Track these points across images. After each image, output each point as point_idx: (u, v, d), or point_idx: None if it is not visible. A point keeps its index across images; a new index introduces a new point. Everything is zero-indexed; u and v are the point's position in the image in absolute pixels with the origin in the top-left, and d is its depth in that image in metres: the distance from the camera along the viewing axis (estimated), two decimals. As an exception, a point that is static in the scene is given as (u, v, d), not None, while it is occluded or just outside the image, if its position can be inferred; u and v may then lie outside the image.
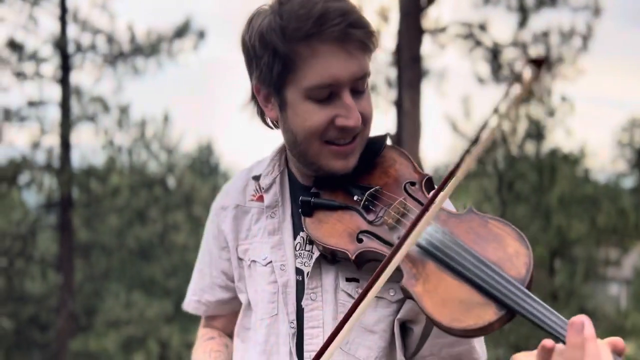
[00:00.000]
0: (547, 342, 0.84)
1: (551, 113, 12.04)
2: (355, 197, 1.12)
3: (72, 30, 10.62)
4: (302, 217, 1.15)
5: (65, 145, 10.54)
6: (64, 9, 10.48)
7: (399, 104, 9.06)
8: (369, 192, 1.11)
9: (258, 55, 1.11)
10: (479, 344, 1.16)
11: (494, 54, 9.86)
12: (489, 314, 0.88)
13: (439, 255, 0.96)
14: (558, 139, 12.41)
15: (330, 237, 1.09)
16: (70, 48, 10.49)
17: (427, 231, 0.99)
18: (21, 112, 10.57)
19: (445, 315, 0.91)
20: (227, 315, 1.39)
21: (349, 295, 1.13)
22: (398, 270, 0.97)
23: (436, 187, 1.05)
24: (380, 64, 10.60)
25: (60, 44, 10.39)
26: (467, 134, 12.22)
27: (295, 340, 1.16)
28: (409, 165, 1.16)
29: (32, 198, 12.14)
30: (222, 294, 1.34)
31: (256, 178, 1.27)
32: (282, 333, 1.18)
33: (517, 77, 0.96)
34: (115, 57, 10.63)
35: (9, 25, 10.31)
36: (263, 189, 1.24)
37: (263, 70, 1.11)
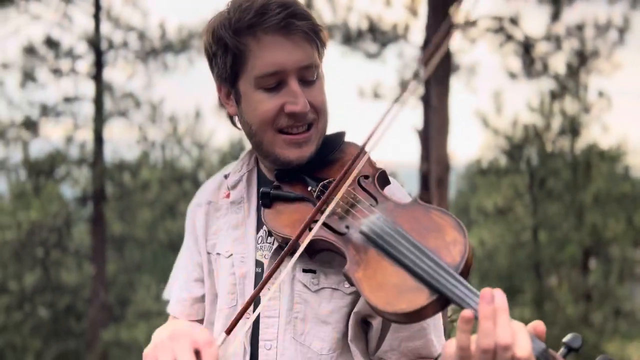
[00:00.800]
0: (466, 312, 0.85)
1: (587, 109, 11.71)
2: (309, 188, 1.16)
3: (106, 28, 10.87)
4: (262, 209, 1.18)
5: (99, 139, 10.80)
6: (97, 7, 10.72)
7: (426, 99, 8.97)
8: (321, 183, 1.15)
9: (214, 52, 1.17)
10: (437, 338, 1.17)
11: (526, 48, 9.64)
12: (421, 298, 0.90)
13: (379, 242, 0.99)
14: (594, 135, 12.07)
15: (285, 227, 1.13)
16: (104, 45, 10.74)
17: (371, 219, 1.03)
18: (57, 107, 10.87)
19: (380, 298, 0.93)
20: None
21: (305, 286, 1.15)
22: (343, 258, 1.02)
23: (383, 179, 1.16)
24: (409, 59, 10.52)
25: (94, 41, 10.64)
26: (499, 130, 12.00)
27: (251, 330, 1.17)
28: (366, 161, 1.18)
29: (69, 191, 12.50)
30: (196, 290, 1.33)
31: (226, 177, 1.32)
32: (239, 323, 1.19)
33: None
34: (146, 54, 10.83)
35: (46, 23, 10.60)
36: (230, 186, 1.29)
37: (219, 67, 1.17)
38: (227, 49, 1.14)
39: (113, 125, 11.01)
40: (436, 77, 8.59)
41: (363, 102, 10.73)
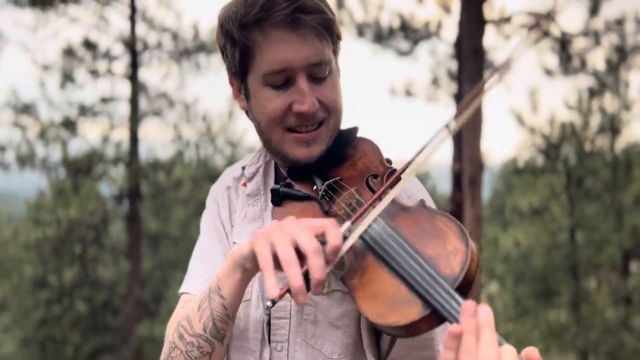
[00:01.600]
0: (454, 327, 0.80)
1: (627, 106, 11.34)
2: (315, 187, 1.12)
3: (141, 29, 11.08)
4: (272, 206, 1.15)
5: (134, 139, 11.02)
6: (133, 9, 10.94)
7: (459, 97, 8.84)
8: (327, 182, 1.11)
9: (223, 45, 1.14)
10: None
11: (563, 44, 9.39)
12: (413, 312, 0.85)
13: (376, 249, 0.94)
14: (635, 133, 11.69)
15: (304, 218, 1.09)
16: (139, 46, 10.95)
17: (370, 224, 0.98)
18: (94, 107, 11.14)
19: (373, 309, 0.89)
20: None
21: None
22: (342, 262, 0.97)
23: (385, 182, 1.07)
24: (442, 57, 10.39)
25: (130, 43, 10.86)
26: (535, 128, 11.73)
27: (268, 328, 1.15)
28: (377, 159, 1.15)
29: (107, 189, 12.80)
30: None
31: (243, 168, 1.30)
32: (252, 318, 1.17)
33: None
34: (180, 54, 11.00)
35: (84, 26, 10.87)
36: (247, 177, 1.27)
37: (229, 61, 1.14)
38: (234, 43, 1.10)
39: (148, 125, 11.23)
40: (469, 74, 8.46)
41: (395, 101, 10.64)
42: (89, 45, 10.97)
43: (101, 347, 13.66)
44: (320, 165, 1.15)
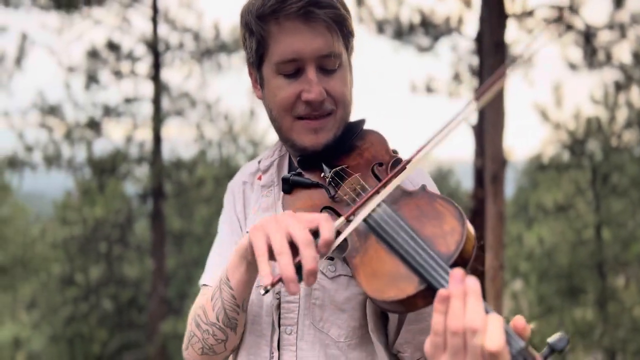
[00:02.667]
0: (443, 290, 0.83)
1: (655, 100, 11.08)
2: (322, 175, 1.17)
3: (163, 30, 11.20)
4: (283, 194, 1.20)
5: (157, 138, 11.16)
6: (155, 10, 11.06)
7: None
8: (333, 170, 1.16)
9: (244, 37, 1.21)
10: None
11: (587, 37, 9.22)
12: (410, 287, 0.90)
13: (377, 230, 0.98)
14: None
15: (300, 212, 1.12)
16: (161, 47, 11.07)
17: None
18: (118, 108, 11.29)
19: (372, 285, 0.93)
20: None
21: (322, 273, 1.16)
22: (343, 249, 1.02)
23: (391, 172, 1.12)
24: (463, 52, 10.29)
25: (152, 44, 10.99)
26: (559, 123, 11.54)
27: (278, 312, 1.19)
28: (383, 149, 1.20)
29: (132, 188, 13.00)
30: None
31: (259, 162, 1.36)
32: (265, 303, 1.21)
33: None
34: (201, 54, 11.09)
35: (107, 28, 11.03)
36: (262, 170, 1.33)
37: (248, 51, 1.21)
38: (252, 34, 1.17)
39: (170, 125, 11.36)
40: (490, 70, 8.36)
41: (416, 98, 10.56)
42: (113, 46, 11.12)
43: (127, 343, 13.88)
44: (329, 155, 1.20)
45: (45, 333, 14.05)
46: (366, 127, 1.27)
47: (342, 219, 1.00)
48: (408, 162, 1.02)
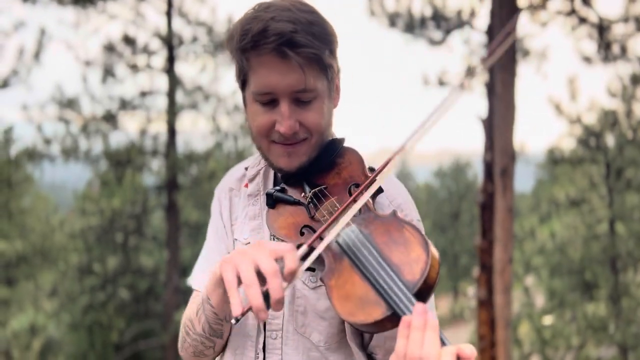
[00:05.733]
0: (407, 317, 0.94)
1: (672, 93, 10.89)
2: (303, 194, 1.24)
3: (177, 24, 11.32)
4: (267, 209, 1.27)
5: (172, 131, 11.32)
6: (169, 4, 11.19)
7: (490, 86, 8.69)
8: (312, 190, 1.23)
9: (231, 58, 1.27)
10: None
11: (601, 30, 9.10)
12: (377, 312, 0.98)
13: (350, 254, 1.06)
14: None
15: (282, 229, 1.21)
16: (175, 41, 11.20)
17: (347, 231, 1.09)
18: (134, 101, 11.47)
19: (345, 308, 1.02)
20: None
21: (304, 283, 1.24)
22: (322, 263, 1.10)
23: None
24: (475, 45, 10.22)
25: (167, 38, 11.12)
26: (574, 117, 11.41)
27: (262, 322, 1.27)
28: (360, 169, 1.25)
29: (149, 179, 13.21)
30: None
31: (246, 169, 1.41)
32: (250, 315, 1.28)
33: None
34: (215, 48, 11.20)
35: (122, 22, 11.19)
36: (248, 179, 1.38)
37: (235, 71, 1.27)
38: (234, 58, 1.23)
39: (184, 118, 11.50)
40: (501, 63, 8.30)
41: (428, 91, 10.54)
42: (128, 40, 11.28)
43: (143, 332, 14.15)
44: (310, 173, 1.27)
45: (65, 321, 14.39)
46: (346, 144, 1.31)
47: (304, 248, 1.06)
48: (367, 185, 1.10)
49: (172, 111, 11.16)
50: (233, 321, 1.01)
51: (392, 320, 0.98)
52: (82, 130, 11.22)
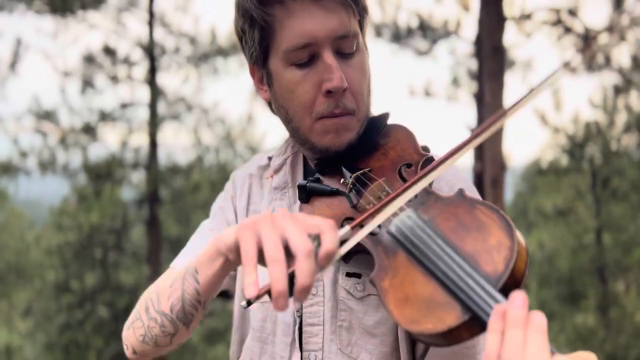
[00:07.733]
0: (501, 306, 0.71)
1: (654, 103, 11.04)
2: (343, 180, 1.03)
3: (159, 34, 11.13)
4: (298, 203, 1.07)
5: (153, 143, 11.06)
6: (151, 14, 10.99)
7: (479, 96, 8.69)
8: (354, 174, 1.01)
9: (242, 29, 1.06)
10: None
11: (586, 40, 9.17)
12: (451, 317, 0.75)
13: (407, 246, 0.84)
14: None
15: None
16: (157, 51, 11.00)
17: (401, 217, 0.86)
18: (114, 113, 11.21)
19: (406, 315, 0.78)
20: None
21: (349, 292, 1.03)
22: (370, 264, 0.88)
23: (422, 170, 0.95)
24: (461, 55, 10.23)
25: (148, 48, 10.91)
26: (559, 128, 11.48)
27: (299, 333, 1.06)
28: (411, 146, 1.04)
29: (128, 194, 12.90)
30: None
31: (270, 158, 1.22)
32: (280, 321, 1.09)
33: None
34: (198, 59, 11.02)
35: (103, 32, 10.96)
36: (274, 170, 1.19)
37: (249, 45, 1.06)
38: (253, 23, 1.02)
39: (166, 130, 11.26)
40: (489, 73, 8.30)
41: (414, 101, 10.53)
42: (109, 51, 11.05)
43: (123, 351, 13.74)
44: (350, 157, 1.06)
45: (40, 341, 13.91)
46: (390, 121, 1.11)
47: (347, 228, 0.83)
48: (441, 161, 0.85)
49: (154, 123, 10.91)
50: (244, 303, 0.79)
51: (471, 327, 0.74)
52: (60, 143, 10.91)
